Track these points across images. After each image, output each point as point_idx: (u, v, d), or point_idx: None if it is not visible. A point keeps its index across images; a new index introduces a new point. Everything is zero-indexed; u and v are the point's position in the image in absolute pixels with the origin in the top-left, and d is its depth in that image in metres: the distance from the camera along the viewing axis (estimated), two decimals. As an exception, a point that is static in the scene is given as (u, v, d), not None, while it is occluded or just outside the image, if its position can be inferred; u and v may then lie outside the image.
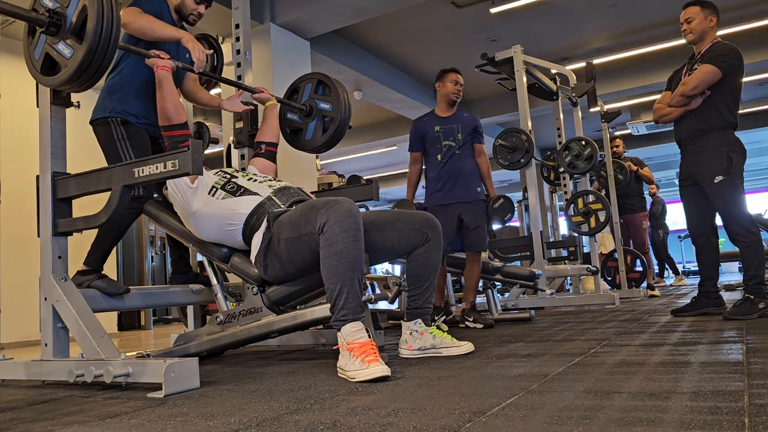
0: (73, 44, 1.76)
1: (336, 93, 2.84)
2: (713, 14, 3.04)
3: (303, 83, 2.95)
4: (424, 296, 2.20)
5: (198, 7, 2.62)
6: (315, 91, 2.91)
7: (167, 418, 1.33)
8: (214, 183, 2.28)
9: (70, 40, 1.77)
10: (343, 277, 1.78)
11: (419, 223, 2.18)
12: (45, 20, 1.77)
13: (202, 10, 2.64)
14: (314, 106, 2.88)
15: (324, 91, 2.90)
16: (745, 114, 9.86)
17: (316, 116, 2.88)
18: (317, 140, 2.88)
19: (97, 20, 1.70)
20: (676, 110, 3.08)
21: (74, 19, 1.75)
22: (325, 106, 2.86)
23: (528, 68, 4.87)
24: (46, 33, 1.80)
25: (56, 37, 1.79)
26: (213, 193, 2.25)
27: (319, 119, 2.87)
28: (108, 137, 2.43)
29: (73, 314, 1.90)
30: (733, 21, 6.93)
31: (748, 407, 1.09)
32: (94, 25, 1.69)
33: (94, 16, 1.70)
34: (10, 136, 4.81)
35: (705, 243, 3.11)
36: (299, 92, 2.95)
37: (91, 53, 1.71)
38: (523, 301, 4.48)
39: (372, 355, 1.69)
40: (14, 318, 4.37)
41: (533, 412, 1.15)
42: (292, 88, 2.99)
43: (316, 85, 2.91)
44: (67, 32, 1.77)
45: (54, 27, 1.77)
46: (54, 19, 1.77)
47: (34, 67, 1.88)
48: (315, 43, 6.04)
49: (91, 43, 1.70)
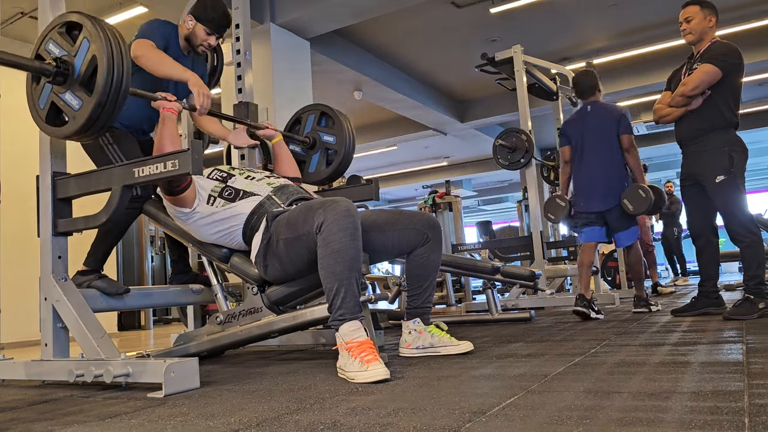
0: (82, 95, 1.69)
1: (339, 125, 2.80)
2: (712, 14, 3.04)
3: (306, 114, 2.92)
4: (423, 296, 2.20)
5: (209, 38, 2.58)
6: (318, 122, 2.88)
7: (167, 418, 1.33)
8: (211, 191, 2.24)
9: (78, 91, 1.70)
10: (340, 276, 1.78)
11: (419, 223, 2.18)
12: (52, 70, 1.71)
13: (212, 41, 2.60)
14: (317, 139, 2.84)
15: (327, 123, 2.87)
16: (745, 114, 9.85)
17: (319, 149, 2.84)
18: (321, 173, 2.83)
19: (108, 71, 1.64)
20: (677, 110, 3.08)
21: (83, 68, 1.69)
22: (329, 139, 2.82)
23: (528, 68, 4.88)
24: (52, 83, 1.74)
25: (63, 86, 1.72)
26: (212, 203, 2.22)
27: (322, 152, 2.84)
28: (95, 144, 2.40)
29: (73, 314, 1.90)
30: (733, 21, 6.93)
31: (748, 407, 1.09)
32: (105, 76, 1.63)
33: (105, 66, 1.64)
34: (10, 136, 4.81)
35: (705, 243, 3.11)
36: (302, 123, 2.92)
37: (100, 105, 1.65)
38: (523, 301, 4.48)
39: (371, 354, 1.69)
40: (14, 318, 4.36)
41: (533, 412, 1.15)
42: (295, 118, 2.95)
43: (319, 116, 2.88)
44: (75, 82, 1.70)
45: (61, 77, 1.71)
46: (61, 68, 1.71)
47: (39, 116, 1.82)
48: (315, 43, 6.04)
49: (101, 95, 1.64)
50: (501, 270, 3.53)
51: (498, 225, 10.94)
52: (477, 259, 5.07)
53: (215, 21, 2.57)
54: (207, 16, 2.56)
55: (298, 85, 5.64)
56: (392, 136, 10.99)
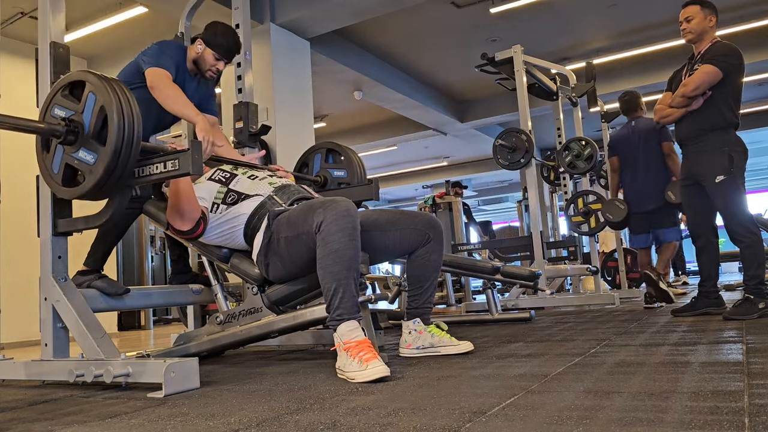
0: (95, 149, 1.68)
1: (348, 159, 2.81)
2: (713, 14, 3.03)
3: (311, 155, 2.93)
4: (424, 296, 2.20)
5: (217, 63, 2.59)
6: (325, 160, 2.88)
7: (167, 418, 1.33)
8: (215, 199, 2.23)
9: (90, 146, 1.69)
10: (338, 276, 1.78)
11: (420, 223, 2.18)
12: (62, 130, 1.70)
13: (221, 66, 2.61)
14: (328, 176, 2.85)
15: (335, 159, 2.87)
16: (745, 114, 9.84)
17: (331, 184, 2.85)
18: None
19: (118, 119, 1.63)
20: (677, 111, 3.08)
21: (93, 122, 1.69)
22: (340, 174, 2.82)
23: (528, 68, 4.87)
24: (63, 143, 1.73)
25: (75, 145, 1.72)
26: (216, 210, 2.22)
27: (335, 187, 2.84)
28: None
29: (73, 314, 1.90)
30: (733, 21, 6.93)
31: (748, 407, 1.09)
32: (116, 123, 1.63)
33: (115, 114, 1.63)
34: (10, 136, 4.80)
35: (705, 243, 3.11)
36: (309, 165, 2.92)
37: (116, 154, 1.64)
38: (523, 301, 4.48)
39: (369, 353, 1.69)
40: (14, 318, 4.36)
41: (533, 412, 1.15)
42: (302, 161, 2.96)
43: (326, 154, 2.89)
44: (87, 138, 1.69)
45: (72, 135, 1.70)
46: (71, 126, 1.70)
47: (54, 181, 1.80)
48: (315, 43, 6.04)
49: (115, 143, 1.63)
50: (501, 270, 3.53)
51: (498, 225, 10.95)
52: (477, 259, 5.07)
53: (225, 47, 2.58)
54: (217, 42, 2.56)
55: (298, 85, 5.64)
56: (392, 136, 10.99)
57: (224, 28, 2.61)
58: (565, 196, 5.68)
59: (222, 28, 2.60)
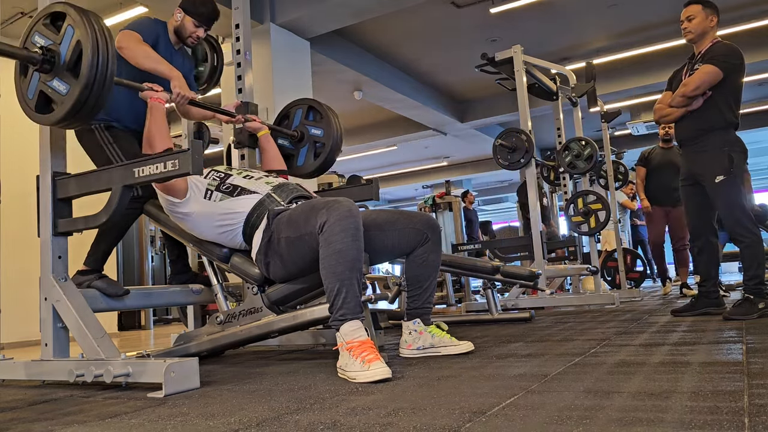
0: (69, 80, 1.73)
1: (327, 118, 2.84)
2: (714, 14, 3.03)
3: (293, 109, 2.95)
4: (423, 296, 2.20)
5: (197, 30, 2.61)
6: (306, 116, 2.91)
7: (167, 418, 1.33)
8: (208, 185, 2.24)
9: (65, 76, 1.74)
10: (341, 276, 1.78)
11: (419, 223, 2.18)
12: (38, 58, 1.74)
13: (201, 33, 2.63)
14: (305, 132, 2.88)
15: (315, 117, 2.90)
16: (745, 114, 9.86)
17: (307, 142, 2.88)
18: (309, 166, 2.88)
19: (93, 54, 1.67)
20: (677, 110, 3.08)
21: (68, 55, 1.73)
22: (317, 132, 2.86)
23: (528, 68, 4.87)
24: (39, 71, 1.78)
25: (50, 74, 1.76)
26: (209, 196, 2.22)
27: (310, 145, 2.87)
28: (94, 143, 2.42)
29: (73, 314, 1.90)
30: (733, 21, 6.94)
31: (748, 407, 1.09)
32: (90, 59, 1.67)
33: (90, 50, 1.67)
34: (10, 136, 4.81)
35: (705, 243, 3.11)
36: (290, 118, 2.95)
37: (87, 88, 1.69)
38: (523, 301, 4.48)
39: (372, 354, 1.68)
40: (14, 318, 4.37)
41: (533, 412, 1.15)
42: (283, 113, 2.99)
43: (307, 110, 2.91)
44: (61, 69, 1.74)
45: (48, 64, 1.75)
46: (47, 56, 1.75)
47: (28, 106, 1.85)
48: (315, 43, 6.04)
49: (87, 78, 1.67)
50: (501, 270, 3.53)
51: (498, 225, 10.95)
52: (477, 259, 5.07)
53: (204, 14, 2.61)
54: (196, 9, 2.60)
55: (298, 85, 5.64)
56: (392, 136, 11.00)
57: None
58: (565, 196, 5.68)
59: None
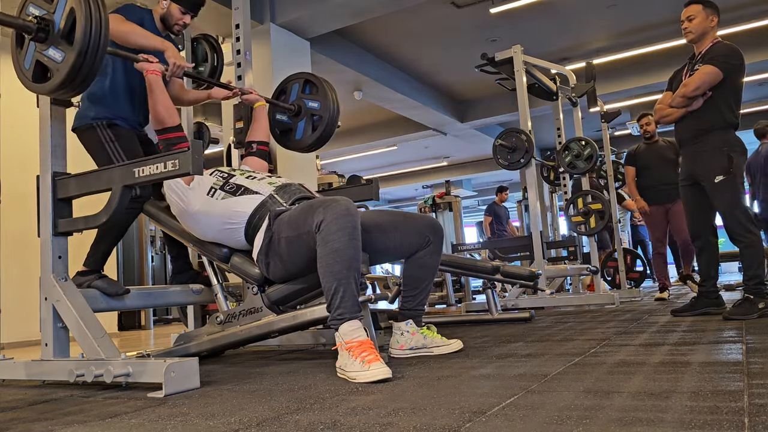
0: (64, 48, 1.76)
1: (323, 91, 2.86)
2: (714, 14, 3.03)
3: (290, 83, 2.96)
4: (418, 298, 2.22)
5: (183, 17, 2.61)
6: (302, 90, 2.92)
7: (167, 417, 1.33)
8: (213, 184, 2.25)
9: (60, 44, 1.76)
10: (339, 276, 1.78)
11: (421, 225, 2.19)
12: (33, 27, 1.77)
13: (187, 20, 2.63)
14: (302, 106, 2.90)
15: (311, 91, 2.91)
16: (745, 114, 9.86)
17: (304, 116, 2.90)
18: (307, 139, 2.90)
19: (86, 21, 1.70)
20: (678, 111, 3.08)
21: (62, 23, 1.75)
22: (314, 105, 2.87)
23: (528, 68, 4.87)
24: (34, 40, 1.80)
25: (45, 43, 1.79)
26: (212, 194, 2.22)
27: (308, 118, 2.89)
28: (96, 142, 2.43)
29: (73, 314, 1.90)
30: (733, 21, 6.93)
31: (748, 407, 1.09)
32: (83, 26, 1.70)
33: (83, 17, 1.70)
34: (10, 136, 4.81)
35: (704, 243, 3.11)
36: (287, 92, 2.96)
37: (82, 54, 1.71)
38: (523, 301, 4.48)
39: (372, 354, 1.69)
40: (14, 318, 4.37)
41: (533, 412, 1.15)
42: (280, 88, 3.00)
43: (303, 84, 2.93)
44: (56, 37, 1.76)
45: (43, 33, 1.77)
46: (42, 25, 1.77)
47: (25, 76, 1.88)
48: (315, 43, 6.04)
49: (81, 44, 1.70)
50: (501, 270, 3.53)
51: (498, 225, 10.90)
52: (477, 259, 5.07)
53: (190, 1, 2.60)
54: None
55: (298, 85, 5.63)
56: (392, 136, 10.99)
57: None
58: (564, 196, 5.68)
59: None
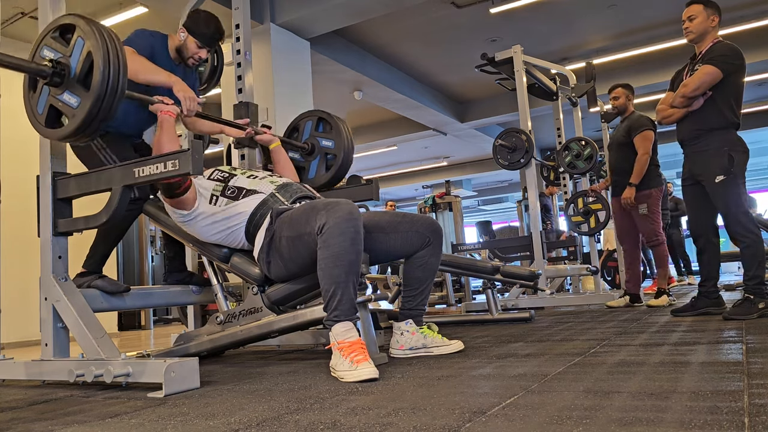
0: (80, 93, 1.70)
1: (337, 130, 2.79)
2: (715, 14, 3.03)
3: (303, 121, 2.91)
4: (419, 298, 2.22)
5: (200, 51, 2.57)
6: (315, 128, 2.87)
7: (167, 417, 1.33)
8: (213, 190, 2.22)
9: (75, 89, 1.71)
10: (338, 279, 1.79)
11: (422, 226, 2.19)
12: (48, 71, 1.72)
13: (203, 54, 2.59)
14: (316, 144, 2.84)
15: (325, 128, 2.86)
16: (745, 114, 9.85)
17: (318, 154, 2.84)
18: (321, 178, 2.82)
19: (104, 66, 1.65)
20: (679, 111, 3.07)
21: (79, 67, 1.71)
22: (328, 144, 2.81)
23: (528, 68, 4.88)
24: (49, 84, 1.75)
25: (60, 87, 1.74)
26: (214, 202, 2.20)
27: (321, 157, 2.83)
28: (87, 150, 2.39)
29: (73, 314, 1.90)
30: (733, 21, 6.94)
31: (748, 407, 1.09)
32: (102, 71, 1.65)
33: (101, 62, 1.65)
34: (10, 136, 4.81)
35: (706, 243, 3.11)
36: (299, 130, 2.91)
37: (99, 100, 1.66)
38: (523, 301, 4.48)
39: (361, 354, 1.70)
40: (14, 318, 4.35)
41: (533, 412, 1.15)
42: (292, 126, 2.94)
43: (317, 122, 2.88)
44: (72, 82, 1.71)
45: (58, 77, 1.72)
46: (57, 68, 1.72)
47: (38, 121, 1.82)
48: (315, 43, 6.04)
49: (99, 90, 1.65)
50: (501, 270, 3.53)
51: (498, 225, 10.95)
52: (477, 259, 5.07)
53: (207, 35, 2.56)
54: (199, 30, 2.55)
55: (298, 85, 5.64)
56: (392, 136, 11.00)
57: (207, 16, 2.60)
58: (564, 196, 5.68)
59: (204, 15, 2.59)
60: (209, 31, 2.57)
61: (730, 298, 3.71)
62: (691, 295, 3.45)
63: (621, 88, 4.27)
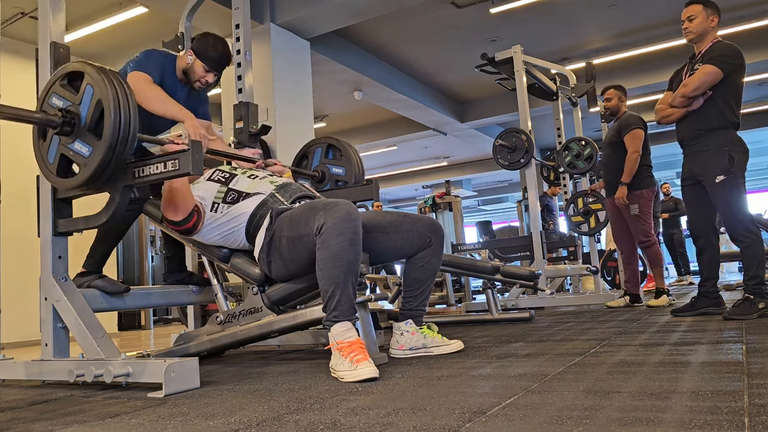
0: (91, 141, 1.68)
1: (347, 156, 2.78)
2: (715, 14, 3.03)
3: (312, 148, 2.91)
4: (419, 298, 2.22)
5: (207, 75, 2.57)
6: (325, 155, 2.87)
7: (167, 417, 1.33)
8: (215, 198, 2.21)
9: (86, 138, 1.69)
10: (336, 280, 1.79)
11: (423, 227, 2.19)
12: (58, 121, 1.70)
13: (210, 78, 2.59)
14: (326, 172, 2.83)
15: (335, 155, 2.85)
16: (745, 114, 9.84)
17: (329, 182, 2.83)
18: None
19: (115, 114, 1.63)
20: (678, 111, 3.08)
21: (89, 115, 1.69)
22: (338, 171, 2.81)
23: (528, 68, 4.88)
24: (59, 134, 1.73)
25: (71, 136, 1.72)
26: (215, 209, 2.20)
27: (332, 184, 2.83)
28: None
29: (73, 314, 1.90)
30: (733, 21, 6.93)
31: (748, 407, 1.09)
32: (113, 119, 1.63)
33: (112, 109, 1.63)
34: (10, 136, 4.80)
35: (705, 243, 3.11)
36: (309, 158, 2.90)
37: (111, 148, 1.64)
38: (523, 301, 4.48)
39: (361, 354, 1.71)
40: (14, 318, 4.35)
41: (533, 412, 1.15)
42: (302, 153, 2.94)
43: (326, 149, 2.87)
44: (83, 130, 1.69)
45: (68, 126, 1.70)
46: (67, 118, 1.70)
47: (49, 170, 1.80)
48: (315, 43, 6.04)
49: (111, 137, 1.63)
50: (501, 270, 3.53)
51: (498, 225, 10.94)
52: (477, 259, 5.07)
53: (215, 59, 2.57)
54: (207, 54, 2.55)
55: (298, 85, 5.64)
56: (392, 136, 10.99)
57: (215, 40, 2.59)
58: (564, 196, 5.68)
59: (213, 40, 2.59)
60: (217, 55, 2.57)
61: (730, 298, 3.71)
62: (691, 295, 3.45)
63: (613, 89, 4.30)
